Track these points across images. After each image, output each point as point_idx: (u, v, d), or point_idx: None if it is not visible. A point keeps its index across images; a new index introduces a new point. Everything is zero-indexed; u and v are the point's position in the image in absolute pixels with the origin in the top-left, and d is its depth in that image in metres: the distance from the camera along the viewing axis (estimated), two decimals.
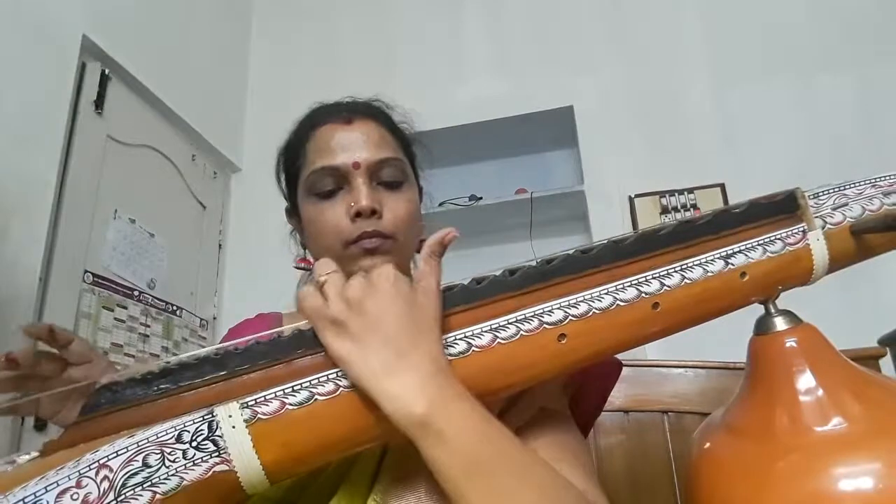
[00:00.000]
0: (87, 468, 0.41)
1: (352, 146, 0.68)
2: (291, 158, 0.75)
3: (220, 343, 0.53)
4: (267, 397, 0.44)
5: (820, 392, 0.46)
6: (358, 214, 0.66)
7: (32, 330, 0.65)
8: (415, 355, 0.44)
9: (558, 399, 0.62)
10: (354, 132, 0.70)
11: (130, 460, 0.41)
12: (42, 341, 0.65)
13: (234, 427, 0.43)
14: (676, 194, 2.20)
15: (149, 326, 1.94)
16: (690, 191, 2.19)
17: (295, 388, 0.44)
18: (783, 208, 0.51)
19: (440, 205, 2.35)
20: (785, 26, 2.28)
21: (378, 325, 0.44)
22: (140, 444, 0.42)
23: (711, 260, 0.49)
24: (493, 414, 0.45)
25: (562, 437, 0.57)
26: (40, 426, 1.48)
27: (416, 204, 0.72)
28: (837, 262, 0.52)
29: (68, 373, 0.67)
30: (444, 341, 0.47)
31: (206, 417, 0.43)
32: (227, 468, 0.42)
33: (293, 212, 0.78)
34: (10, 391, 0.63)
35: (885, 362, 1.27)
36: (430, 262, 0.49)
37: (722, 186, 2.17)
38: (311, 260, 0.76)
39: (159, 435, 0.42)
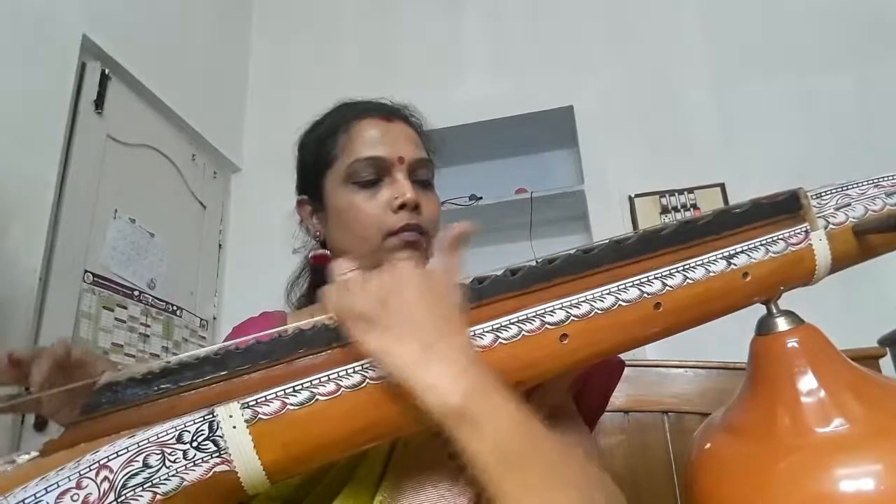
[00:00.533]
0: (88, 469, 0.41)
1: (395, 141, 0.71)
2: (320, 148, 0.75)
3: (224, 341, 0.53)
4: (268, 397, 0.44)
5: (822, 393, 0.46)
6: (402, 206, 0.67)
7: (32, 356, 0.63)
8: (445, 347, 0.44)
9: (566, 398, 0.62)
10: (395, 130, 0.72)
11: (131, 461, 0.41)
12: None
13: (234, 427, 0.42)
14: (676, 194, 2.20)
15: (149, 326, 1.94)
16: (690, 191, 2.19)
17: (296, 388, 0.44)
18: (786, 208, 0.51)
19: (440, 205, 2.35)
20: (785, 26, 2.28)
21: (407, 319, 0.45)
22: (140, 444, 0.42)
23: (714, 260, 0.49)
24: None
25: (574, 436, 0.58)
26: (40, 426, 1.48)
27: (439, 206, 0.74)
28: (840, 263, 0.52)
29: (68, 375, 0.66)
30: None
31: (206, 417, 0.43)
32: (227, 468, 0.42)
33: (309, 202, 0.77)
34: (13, 385, 0.62)
35: (885, 362, 1.27)
36: (452, 255, 0.49)
37: (722, 186, 2.17)
38: (328, 252, 0.76)
39: (160, 435, 0.42)
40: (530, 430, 0.44)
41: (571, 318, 0.47)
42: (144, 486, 0.40)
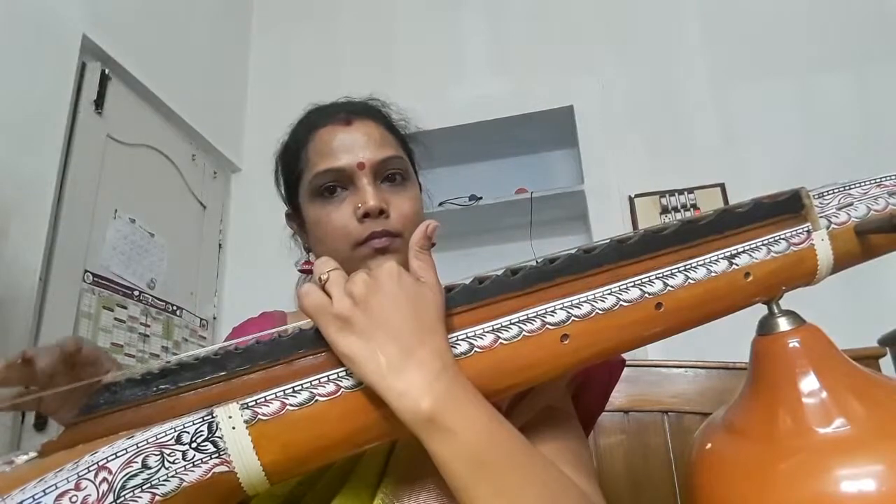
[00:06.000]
0: (86, 470, 0.40)
1: (354, 147, 0.68)
2: (291, 162, 0.75)
3: (224, 341, 0.53)
4: (267, 398, 0.43)
5: (823, 393, 0.46)
6: (366, 215, 0.66)
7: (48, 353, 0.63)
8: (421, 352, 0.44)
9: (563, 398, 0.62)
10: (355, 133, 0.70)
11: (130, 462, 0.41)
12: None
13: (234, 428, 0.42)
14: (676, 194, 2.20)
15: (149, 326, 1.94)
16: (690, 191, 2.19)
17: (296, 388, 0.44)
18: (788, 208, 0.51)
19: (440, 205, 2.35)
20: (785, 26, 2.28)
21: (384, 322, 0.44)
22: (139, 445, 0.41)
23: (715, 260, 0.49)
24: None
25: (565, 438, 0.57)
26: (40, 425, 1.48)
27: (420, 201, 0.72)
28: (841, 263, 0.51)
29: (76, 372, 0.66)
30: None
31: (205, 418, 0.43)
32: (226, 469, 0.42)
33: (294, 215, 0.77)
34: (22, 384, 0.62)
35: (885, 362, 1.27)
36: (421, 257, 0.49)
37: (722, 186, 2.16)
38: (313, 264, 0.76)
39: (159, 436, 0.42)
40: (502, 437, 0.44)
41: (572, 318, 0.47)
42: (143, 488, 0.40)
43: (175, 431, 0.42)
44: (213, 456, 0.42)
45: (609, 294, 0.47)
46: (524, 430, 0.56)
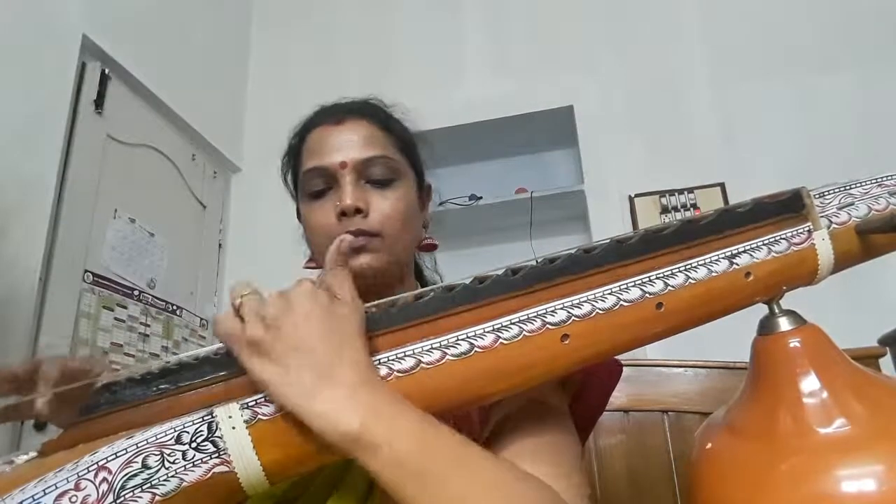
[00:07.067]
0: (86, 470, 0.40)
1: (341, 146, 0.69)
2: (292, 161, 0.76)
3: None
4: (267, 398, 0.43)
5: (824, 394, 0.46)
6: (343, 214, 0.66)
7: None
8: (339, 369, 0.43)
9: (552, 392, 0.62)
10: (344, 132, 0.70)
11: (130, 462, 0.41)
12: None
13: (234, 428, 0.42)
14: (676, 194, 2.20)
15: (149, 326, 1.94)
16: (690, 190, 2.19)
17: None
18: (789, 207, 0.51)
19: (440, 204, 2.35)
20: (785, 26, 2.28)
21: (296, 344, 0.43)
22: (139, 445, 0.41)
23: (716, 260, 0.49)
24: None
25: (546, 433, 0.56)
26: (40, 426, 1.47)
27: (409, 201, 0.71)
28: (842, 262, 0.51)
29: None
30: (444, 342, 0.46)
31: (205, 418, 0.43)
32: (226, 469, 0.42)
33: (299, 214, 0.78)
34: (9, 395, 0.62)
35: (885, 362, 1.27)
36: (336, 274, 0.49)
37: (722, 186, 2.16)
38: (316, 260, 0.76)
39: (159, 436, 0.42)
40: (438, 443, 0.43)
41: (573, 318, 0.46)
42: (143, 488, 0.40)
43: (175, 431, 0.42)
44: (213, 456, 0.42)
45: (609, 294, 0.47)
46: (506, 423, 0.56)
